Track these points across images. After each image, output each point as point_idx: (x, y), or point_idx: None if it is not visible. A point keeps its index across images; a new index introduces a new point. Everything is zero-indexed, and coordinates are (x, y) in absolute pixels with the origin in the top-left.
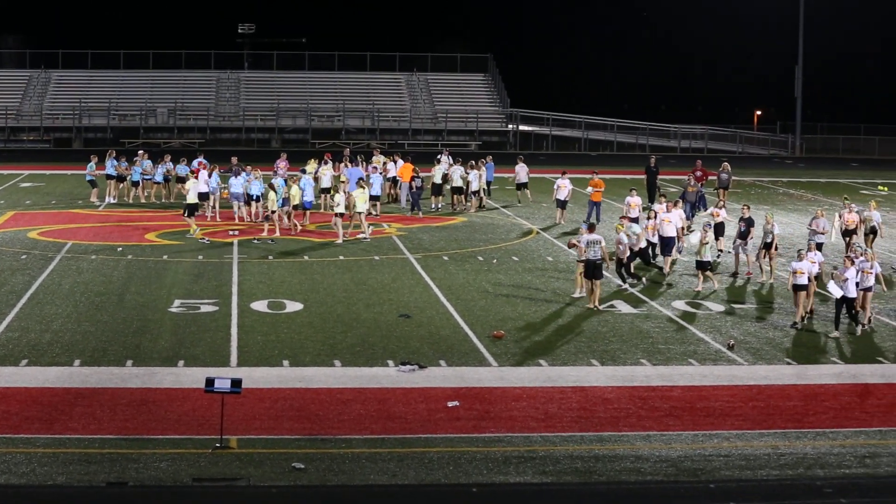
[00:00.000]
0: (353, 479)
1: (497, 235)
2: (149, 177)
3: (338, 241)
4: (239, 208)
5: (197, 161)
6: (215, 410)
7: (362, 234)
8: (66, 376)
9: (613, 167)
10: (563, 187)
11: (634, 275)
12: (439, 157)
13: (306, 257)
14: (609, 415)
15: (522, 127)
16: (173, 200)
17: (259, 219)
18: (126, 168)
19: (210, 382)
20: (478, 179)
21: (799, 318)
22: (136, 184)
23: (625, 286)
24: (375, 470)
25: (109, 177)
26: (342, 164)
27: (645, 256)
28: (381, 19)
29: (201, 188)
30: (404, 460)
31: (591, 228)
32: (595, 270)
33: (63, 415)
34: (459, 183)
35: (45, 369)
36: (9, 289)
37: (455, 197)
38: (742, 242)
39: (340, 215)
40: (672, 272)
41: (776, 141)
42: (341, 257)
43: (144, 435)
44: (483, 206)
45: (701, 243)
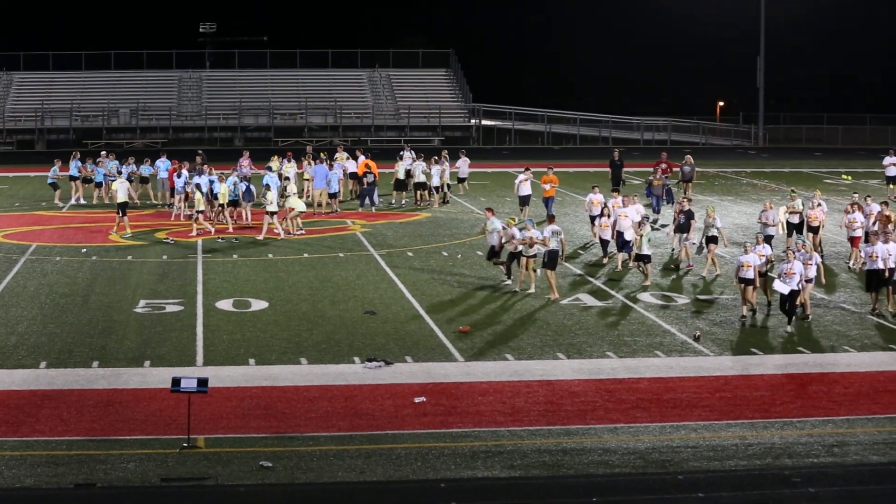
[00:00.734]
0: (321, 477)
1: (461, 230)
2: (112, 178)
3: (279, 236)
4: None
5: (171, 161)
6: (182, 410)
7: (278, 231)
8: (33, 378)
9: (577, 160)
10: (525, 183)
11: (504, 265)
12: (402, 154)
13: (270, 255)
14: (576, 408)
15: (485, 122)
16: (138, 201)
17: (222, 218)
18: (90, 171)
19: (176, 382)
20: (440, 175)
21: (746, 312)
22: (100, 185)
23: (508, 281)
24: (343, 467)
25: (73, 178)
26: (305, 162)
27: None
28: (343, 16)
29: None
30: (372, 457)
31: (552, 220)
32: (554, 261)
33: (30, 417)
34: (422, 179)
35: (11, 372)
36: None
37: (418, 193)
38: (685, 235)
39: (272, 213)
40: (628, 268)
41: (739, 132)
42: (305, 255)
43: (112, 436)
44: (446, 202)
45: (639, 236)
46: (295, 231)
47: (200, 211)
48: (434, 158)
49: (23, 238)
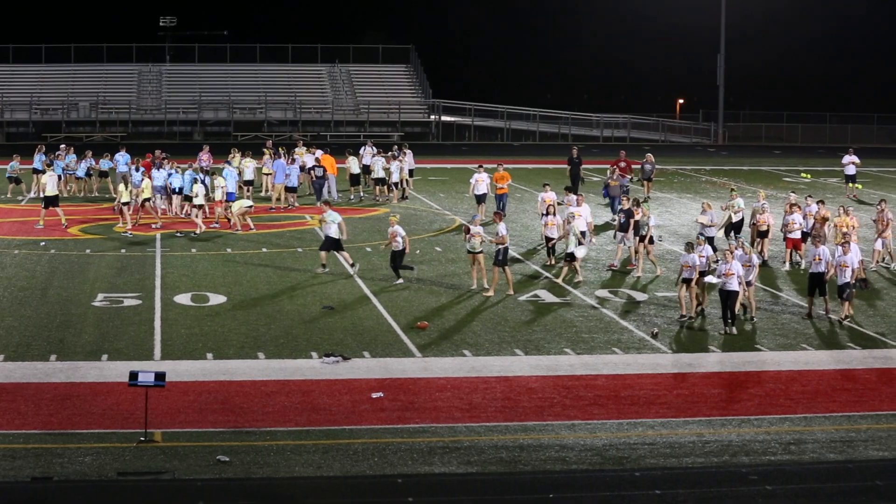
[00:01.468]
0: (278, 472)
1: (420, 226)
2: (71, 171)
3: (196, 232)
4: (161, 201)
5: (158, 152)
6: (139, 404)
7: (213, 225)
8: None
9: (536, 157)
10: (481, 182)
11: (408, 266)
12: (361, 150)
13: (229, 250)
14: (533, 404)
15: (445, 117)
16: (96, 194)
17: (183, 212)
18: (48, 164)
19: (134, 376)
20: (398, 170)
21: (684, 311)
22: (59, 178)
23: (399, 280)
24: (300, 462)
25: (36, 171)
26: (265, 157)
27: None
28: (303, 11)
29: (175, 181)
30: (329, 452)
31: (499, 217)
32: (505, 257)
33: None
34: (381, 174)
35: None
36: None
37: (377, 188)
38: (624, 235)
39: (199, 207)
40: (583, 267)
41: (699, 129)
42: (264, 250)
43: (69, 429)
44: (405, 197)
45: (568, 235)
46: (241, 228)
47: (125, 203)
48: (392, 154)
49: None
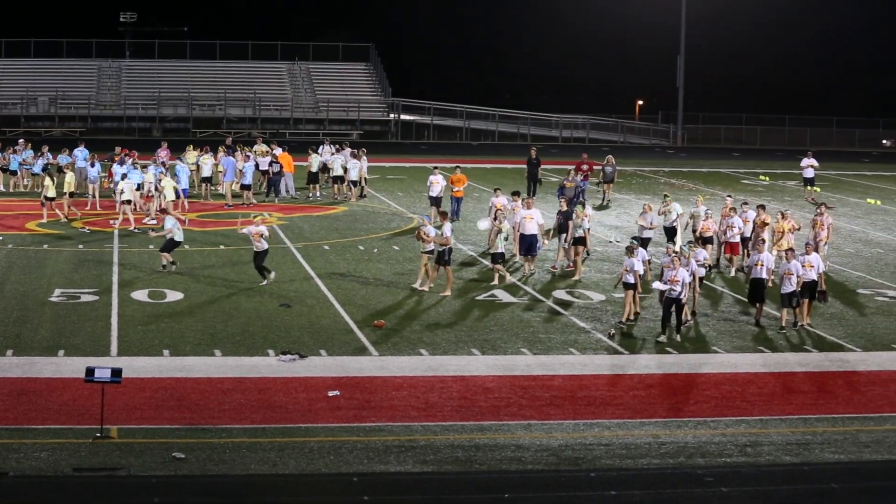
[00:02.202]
0: (234, 469)
1: (378, 225)
2: (28, 167)
3: (131, 228)
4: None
5: (119, 149)
6: (96, 400)
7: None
8: None
9: (495, 157)
10: (437, 183)
11: (266, 269)
12: (320, 149)
13: (187, 246)
14: (490, 404)
15: (404, 116)
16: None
17: (144, 207)
18: (5, 159)
19: (90, 372)
20: (357, 169)
21: (626, 318)
22: (14, 173)
23: (264, 282)
24: (256, 459)
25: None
26: (220, 154)
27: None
28: (263, 8)
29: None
30: (285, 450)
31: (444, 216)
32: (449, 257)
33: None
34: (340, 172)
35: None
36: None
37: (335, 186)
38: (563, 236)
39: (127, 202)
40: (533, 272)
41: (658, 131)
42: (222, 247)
43: (24, 425)
44: (364, 196)
45: (494, 234)
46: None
47: (50, 198)
48: (353, 152)
49: None
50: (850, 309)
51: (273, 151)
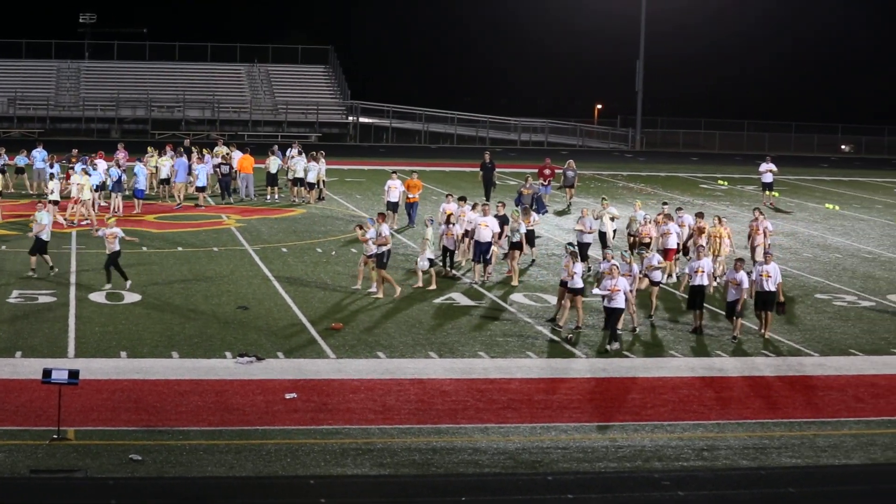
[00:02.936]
0: (191, 471)
1: (336, 227)
2: None
3: (63, 227)
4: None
5: (76, 151)
6: (53, 402)
7: (86, 222)
8: None
9: (453, 160)
10: (395, 188)
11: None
12: (288, 152)
13: (144, 248)
14: (447, 407)
15: (363, 119)
16: (12, 191)
17: (98, 209)
18: None
19: (47, 373)
20: (315, 171)
21: (560, 322)
22: None
23: (108, 285)
24: (213, 462)
25: None
26: (164, 154)
27: None
28: (222, 10)
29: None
30: (242, 452)
31: (382, 217)
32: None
33: None
34: (301, 174)
35: None
36: None
37: (294, 188)
38: (497, 241)
39: (55, 203)
40: (489, 277)
41: (616, 135)
42: (179, 248)
43: None
44: (322, 198)
45: (424, 240)
46: (78, 220)
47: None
48: (312, 154)
49: None
50: (808, 314)
51: (229, 153)
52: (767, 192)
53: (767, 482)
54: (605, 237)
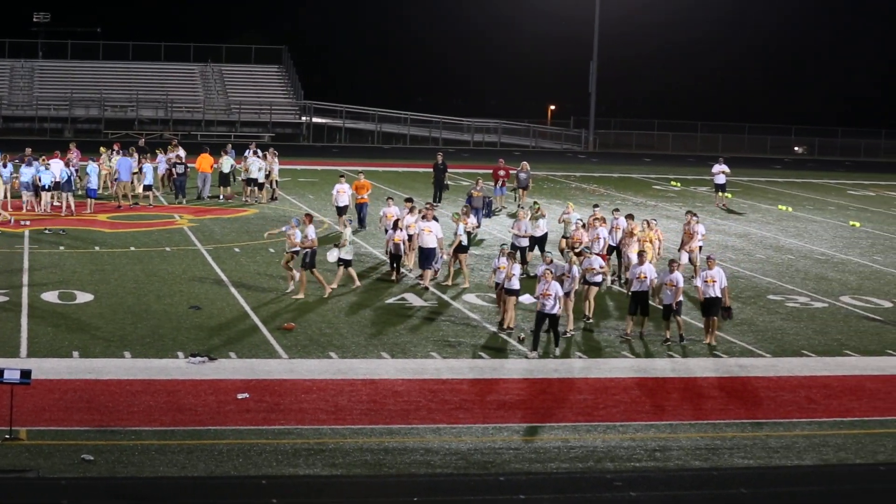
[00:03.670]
0: (143, 471)
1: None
2: None
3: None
4: (29, 198)
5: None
6: (4, 401)
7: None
8: None
9: (406, 160)
10: (343, 192)
11: None
12: (247, 152)
13: (97, 248)
14: (399, 407)
15: (316, 119)
16: None
17: (51, 209)
18: None
19: None
20: (267, 171)
21: (505, 324)
22: None
23: None
24: (165, 462)
25: None
26: (113, 154)
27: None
28: (176, 9)
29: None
30: (194, 452)
31: (309, 218)
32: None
33: None
34: (255, 175)
35: None
36: None
37: (247, 188)
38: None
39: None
40: (430, 286)
41: (570, 136)
42: (132, 248)
43: None
44: (275, 198)
45: (342, 245)
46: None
47: None
48: (263, 154)
49: None
50: (761, 315)
51: (178, 153)
52: (720, 194)
53: (719, 483)
54: (540, 241)
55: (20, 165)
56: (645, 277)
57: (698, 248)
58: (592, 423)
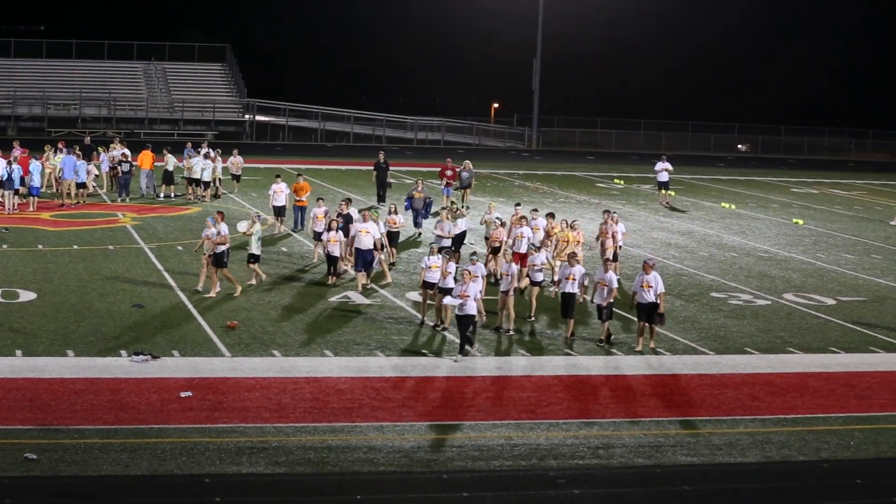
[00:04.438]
0: (86, 470)
1: (232, 227)
2: None
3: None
4: None
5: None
6: None
7: None
8: None
9: (350, 158)
10: (280, 192)
11: None
12: (186, 151)
13: (40, 246)
14: (342, 405)
15: (259, 117)
16: None
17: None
18: None
19: None
20: (210, 170)
21: (439, 321)
22: None
23: None
24: (108, 461)
25: None
26: (57, 152)
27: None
28: (120, 7)
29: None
30: (137, 451)
31: (221, 216)
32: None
33: None
34: (198, 174)
35: None
36: None
37: (189, 187)
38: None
39: None
40: (368, 286)
41: (513, 133)
42: (75, 247)
43: None
44: (218, 197)
45: (247, 234)
46: None
47: None
48: (207, 153)
49: None
50: (704, 312)
51: (123, 150)
52: (663, 191)
53: (663, 480)
54: (458, 239)
55: None
56: (573, 279)
57: (618, 248)
58: (535, 421)
